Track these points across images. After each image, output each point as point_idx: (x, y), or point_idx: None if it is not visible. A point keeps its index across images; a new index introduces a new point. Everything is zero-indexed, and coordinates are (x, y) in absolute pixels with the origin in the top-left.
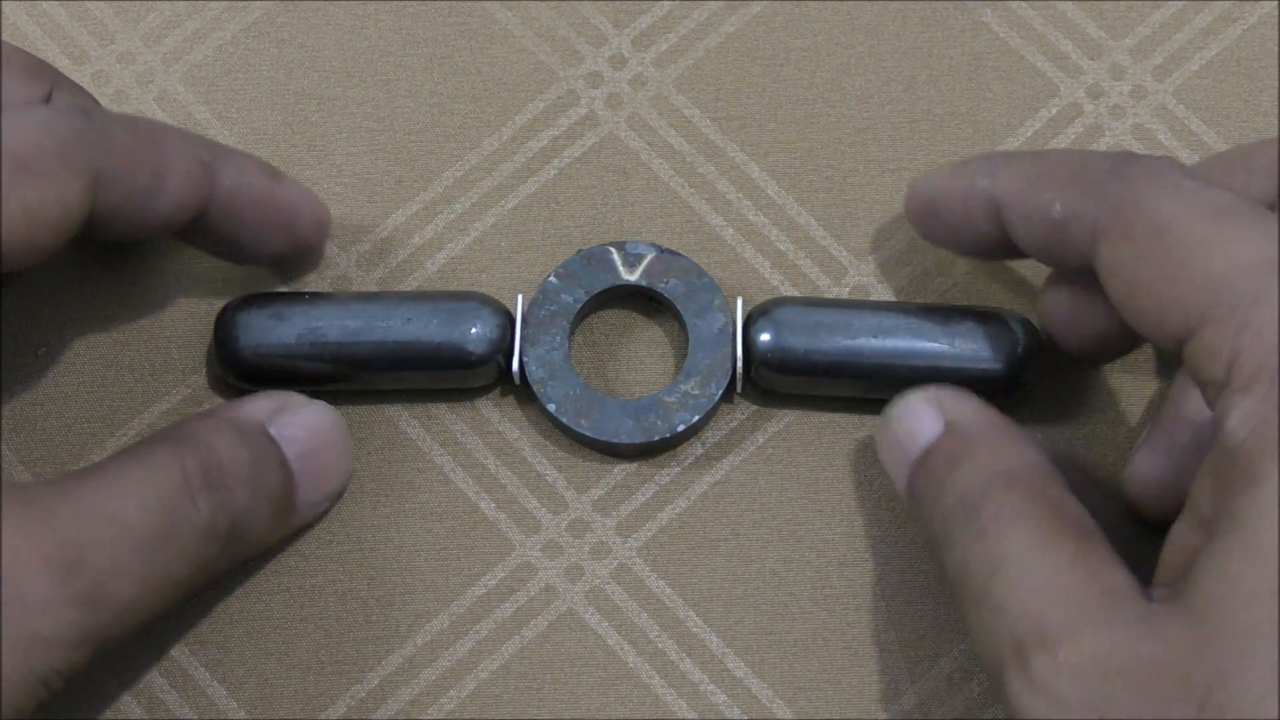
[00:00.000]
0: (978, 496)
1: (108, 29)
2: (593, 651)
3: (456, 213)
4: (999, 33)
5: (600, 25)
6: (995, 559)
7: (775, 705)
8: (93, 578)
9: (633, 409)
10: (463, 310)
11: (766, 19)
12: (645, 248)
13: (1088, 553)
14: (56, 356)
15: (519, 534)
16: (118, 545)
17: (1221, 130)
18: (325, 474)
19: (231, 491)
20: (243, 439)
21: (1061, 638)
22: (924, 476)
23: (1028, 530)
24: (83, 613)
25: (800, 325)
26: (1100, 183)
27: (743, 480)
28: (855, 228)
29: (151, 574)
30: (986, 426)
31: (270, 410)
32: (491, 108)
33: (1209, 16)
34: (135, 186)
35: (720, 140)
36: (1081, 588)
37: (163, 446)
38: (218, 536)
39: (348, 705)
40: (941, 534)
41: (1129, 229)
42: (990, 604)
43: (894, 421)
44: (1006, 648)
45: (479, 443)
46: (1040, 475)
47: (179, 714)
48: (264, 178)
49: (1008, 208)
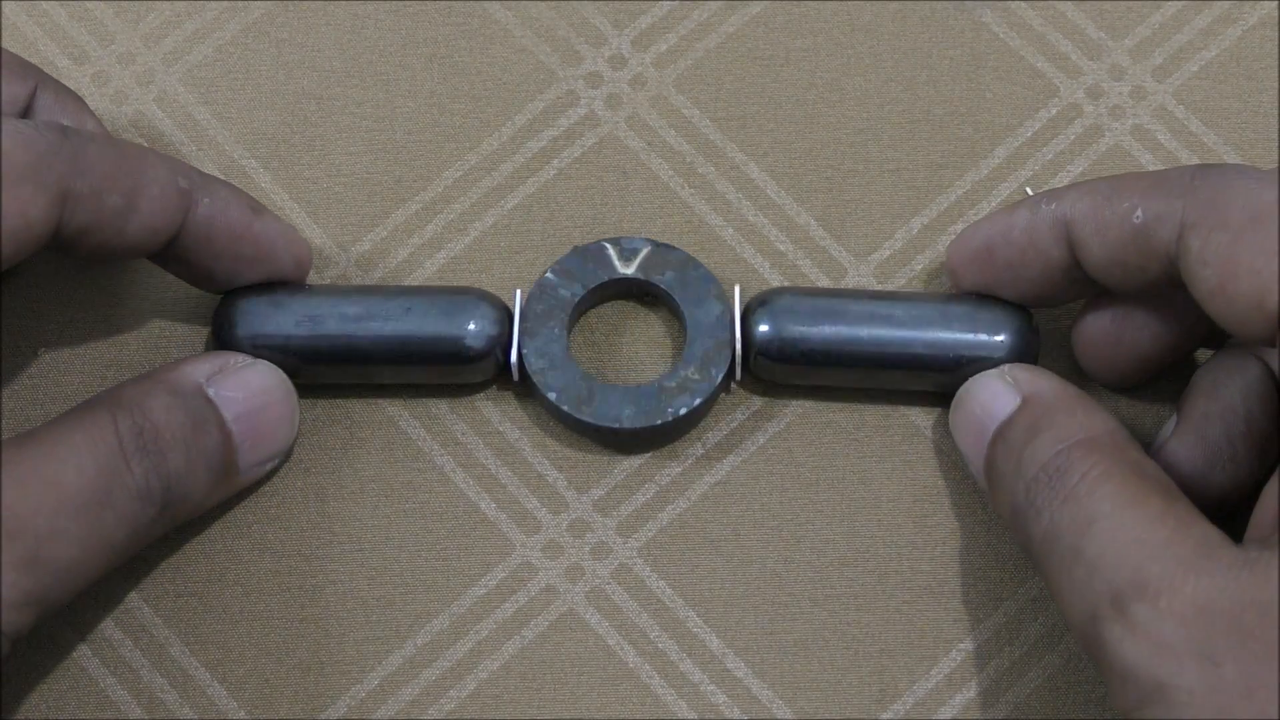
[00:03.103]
0: (1062, 462)
1: (108, 29)
2: (593, 651)
3: (456, 213)
4: (999, 33)
5: (600, 25)
6: (1085, 518)
7: (775, 705)
8: (33, 542)
9: (633, 395)
10: (461, 305)
11: (766, 19)
12: (640, 242)
13: (1175, 507)
14: (56, 356)
15: (519, 534)
16: (56, 510)
17: (1221, 131)
18: (267, 435)
19: (165, 455)
20: (178, 401)
21: (1162, 586)
22: (1003, 450)
23: (1115, 489)
24: (25, 575)
25: (798, 314)
26: (1183, 185)
27: (743, 480)
28: (855, 228)
29: (90, 537)
30: (1062, 396)
31: (209, 371)
32: (491, 108)
33: (1209, 17)
34: (105, 208)
35: (720, 140)
36: (1175, 539)
37: (98, 411)
38: (153, 499)
39: (348, 705)
40: (1025, 503)
41: (1223, 219)
42: (1083, 561)
43: (969, 400)
44: (1104, 600)
45: (479, 443)
46: (1119, 439)
47: (179, 714)
48: (243, 210)
49: (1080, 224)
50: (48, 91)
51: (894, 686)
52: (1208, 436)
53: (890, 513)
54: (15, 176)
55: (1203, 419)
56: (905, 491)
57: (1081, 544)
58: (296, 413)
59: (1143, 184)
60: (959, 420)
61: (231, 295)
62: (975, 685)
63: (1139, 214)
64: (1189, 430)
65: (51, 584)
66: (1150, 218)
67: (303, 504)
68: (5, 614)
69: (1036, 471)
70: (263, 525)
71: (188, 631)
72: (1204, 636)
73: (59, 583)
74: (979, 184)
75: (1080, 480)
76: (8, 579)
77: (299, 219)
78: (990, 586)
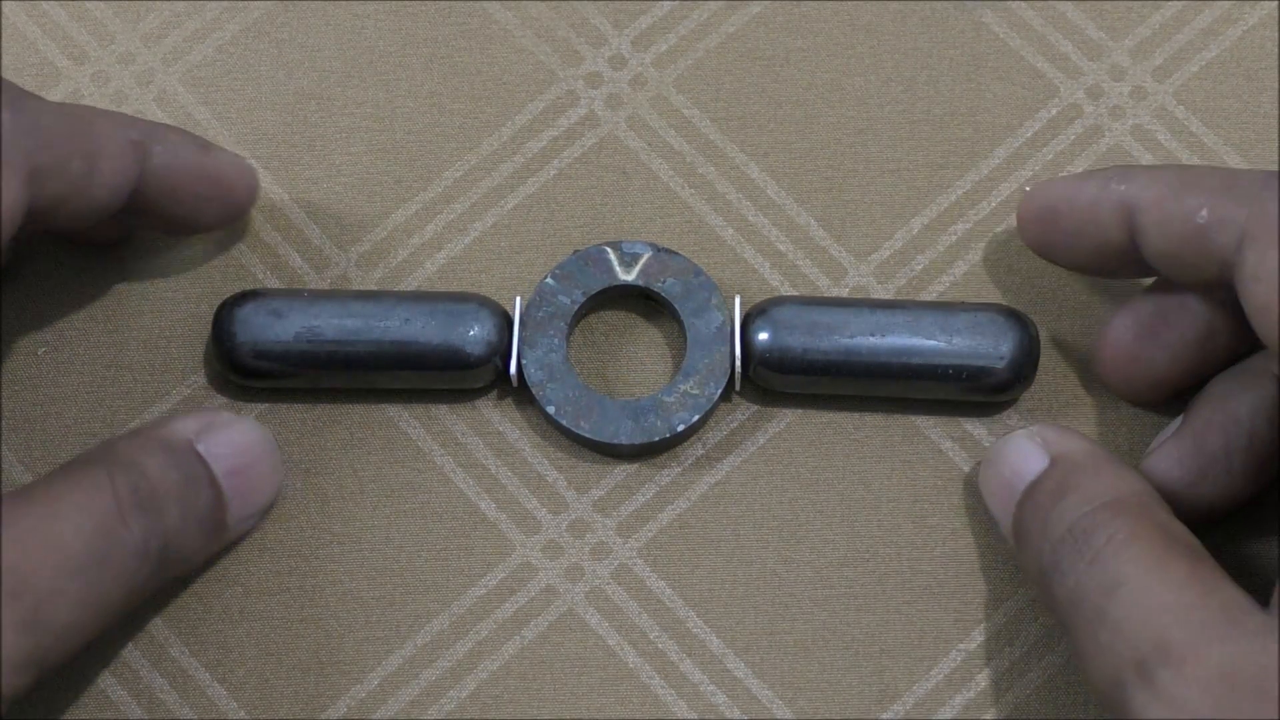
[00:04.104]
0: (1088, 524)
1: (108, 29)
2: (593, 652)
3: (456, 213)
4: (999, 33)
5: (600, 25)
6: (1111, 581)
7: (775, 705)
8: (34, 602)
9: (632, 410)
10: (461, 312)
11: (766, 19)
12: (642, 247)
13: (1201, 571)
14: (56, 356)
15: (519, 534)
16: (56, 570)
17: (1221, 131)
18: (254, 490)
19: (162, 513)
20: (171, 459)
21: (1186, 653)
22: (1030, 509)
23: (1141, 552)
24: (26, 637)
25: (798, 324)
26: (1252, 192)
27: (743, 480)
28: (855, 228)
29: (89, 596)
30: (1090, 457)
31: (197, 428)
32: (491, 108)
33: (1209, 17)
34: (71, 175)
35: (720, 140)
36: (1201, 604)
37: (94, 468)
38: (150, 557)
39: (348, 705)
40: (1051, 564)
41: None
42: (1108, 624)
43: (998, 460)
44: (1128, 665)
45: (479, 443)
46: (1146, 500)
47: (179, 714)
48: (194, 150)
49: (1144, 211)
50: None
51: (894, 686)
52: (1206, 445)
53: (890, 513)
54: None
55: (1205, 427)
56: (905, 491)
57: (1106, 607)
58: (280, 467)
59: (1213, 183)
60: (988, 480)
61: (231, 304)
62: (975, 685)
63: (1204, 214)
64: (1189, 435)
65: (51, 645)
66: (1214, 220)
67: (303, 504)
68: (5, 677)
69: (1063, 533)
70: (263, 525)
71: (188, 632)
72: (1228, 703)
73: (58, 643)
74: (979, 184)
75: (1107, 543)
76: (9, 640)
77: (299, 219)
78: (990, 586)
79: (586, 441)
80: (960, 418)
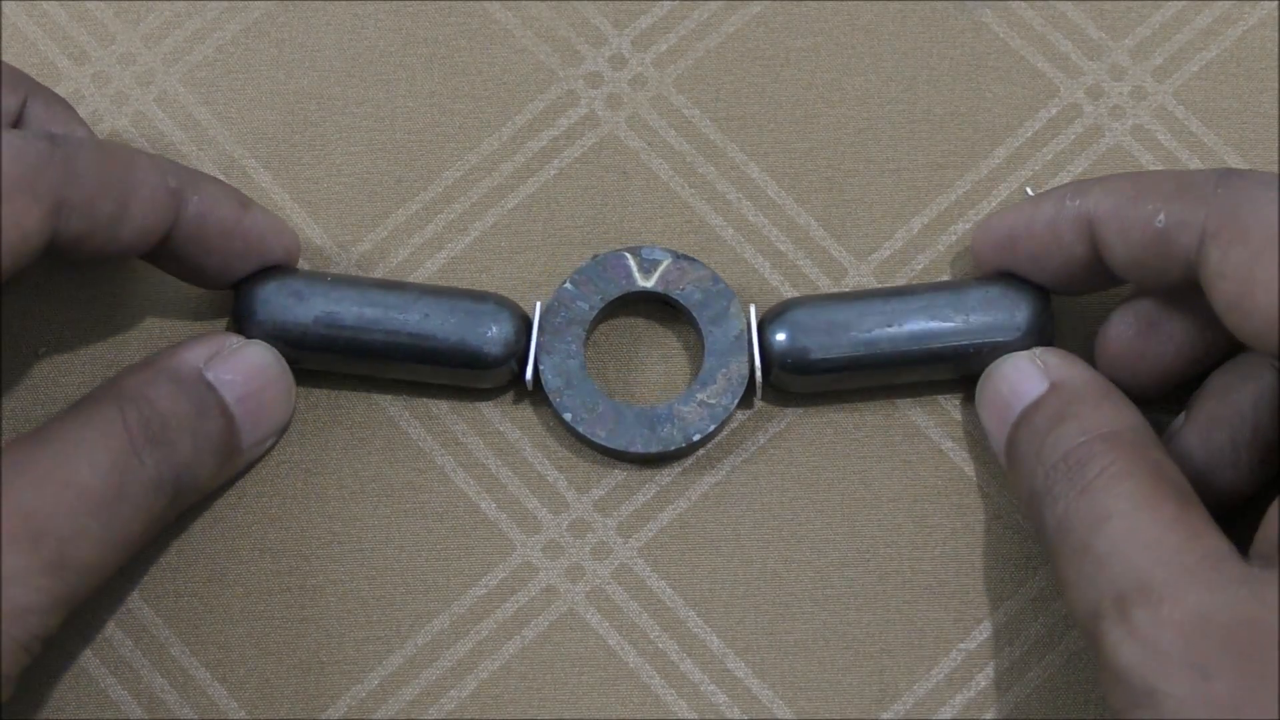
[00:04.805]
0: (1083, 454)
1: (108, 29)
2: (593, 651)
3: (456, 213)
4: (999, 33)
5: (600, 25)
6: (1099, 514)
7: (775, 705)
8: (58, 544)
9: (648, 419)
10: (481, 312)
11: (766, 19)
12: (661, 253)
13: (1189, 514)
14: (56, 356)
15: (520, 534)
16: (76, 509)
17: (1221, 131)
18: (266, 414)
19: (174, 444)
20: (181, 389)
21: (1165, 594)
22: (1026, 433)
23: (1132, 489)
24: (53, 579)
25: (814, 325)
26: (1206, 193)
27: (743, 480)
28: (855, 228)
29: (110, 534)
30: (1091, 387)
31: (206, 355)
32: (491, 108)
33: (1209, 17)
34: (99, 214)
35: (720, 140)
36: (1184, 547)
37: (105, 405)
38: (165, 489)
39: (348, 705)
40: (1043, 489)
41: (1244, 232)
42: (1092, 556)
43: (997, 379)
44: (1107, 599)
45: (480, 443)
46: (1142, 437)
47: (179, 714)
48: (232, 206)
49: (1103, 223)
50: (38, 101)
51: (894, 686)
52: (1212, 439)
53: (890, 513)
54: (10, 189)
55: (1210, 422)
56: (905, 491)
57: (1093, 539)
58: (293, 389)
59: (1167, 187)
60: (985, 395)
61: (254, 281)
62: (975, 685)
63: (1161, 218)
64: (1195, 431)
65: (77, 584)
66: (1173, 223)
67: (303, 504)
68: (36, 618)
69: (1057, 459)
70: (263, 526)
71: (188, 631)
72: (1199, 649)
73: (84, 581)
74: (979, 184)
75: (1099, 474)
76: (37, 583)
77: (299, 219)
78: (990, 586)
79: (600, 449)
80: (961, 418)
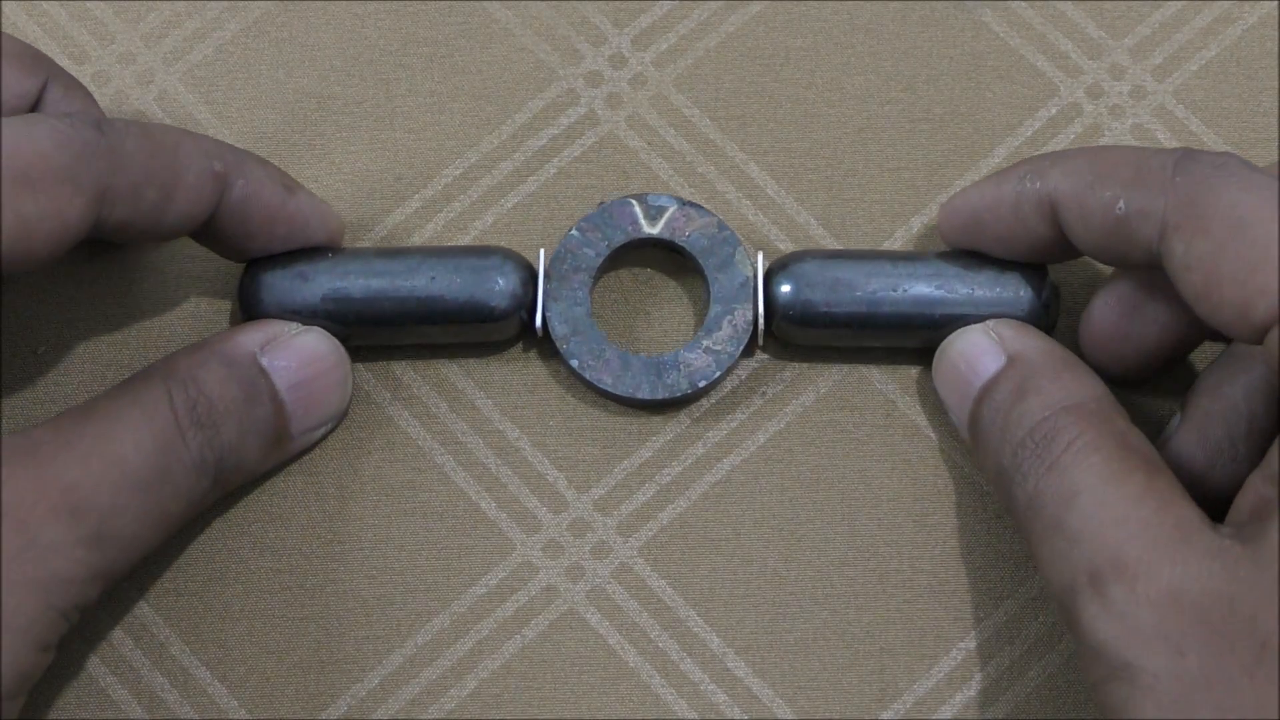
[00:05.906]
0: (1048, 428)
1: (108, 29)
2: (593, 651)
3: (456, 211)
4: (999, 33)
5: (600, 25)
6: (1069, 490)
7: (775, 705)
8: (98, 519)
9: (655, 366)
10: (486, 266)
11: (766, 19)
12: (666, 200)
13: (1158, 485)
14: (56, 356)
15: (520, 533)
16: (118, 486)
17: (1221, 130)
18: (319, 402)
19: (219, 428)
20: (231, 372)
21: (1138, 569)
22: (989, 410)
23: (1099, 462)
24: (91, 552)
25: (820, 279)
26: (1164, 180)
27: (743, 480)
28: (855, 227)
29: (150, 511)
30: (1049, 358)
31: (261, 341)
32: (491, 106)
33: (1209, 17)
34: (143, 202)
35: (720, 140)
36: (1155, 520)
37: (153, 383)
38: (207, 471)
39: (348, 705)
40: (1011, 466)
41: (1204, 223)
42: (1064, 533)
43: (954, 355)
44: (1081, 575)
45: (479, 442)
46: (1106, 406)
47: (179, 713)
48: (277, 190)
49: (1065, 207)
50: (58, 85)
51: (894, 686)
52: (1210, 435)
53: (890, 513)
54: (53, 178)
55: (1205, 418)
56: (905, 491)
57: (1064, 516)
58: (350, 377)
59: (1124, 173)
60: (943, 372)
61: (255, 267)
62: (975, 685)
63: (1121, 205)
64: (1192, 429)
65: (116, 558)
66: (1133, 211)
67: (303, 504)
68: (75, 589)
69: (1023, 436)
70: (263, 525)
71: (188, 631)
72: (1173, 624)
73: (123, 556)
74: None
75: (1066, 449)
76: (76, 556)
77: None
78: (990, 586)
79: (608, 395)
80: None
